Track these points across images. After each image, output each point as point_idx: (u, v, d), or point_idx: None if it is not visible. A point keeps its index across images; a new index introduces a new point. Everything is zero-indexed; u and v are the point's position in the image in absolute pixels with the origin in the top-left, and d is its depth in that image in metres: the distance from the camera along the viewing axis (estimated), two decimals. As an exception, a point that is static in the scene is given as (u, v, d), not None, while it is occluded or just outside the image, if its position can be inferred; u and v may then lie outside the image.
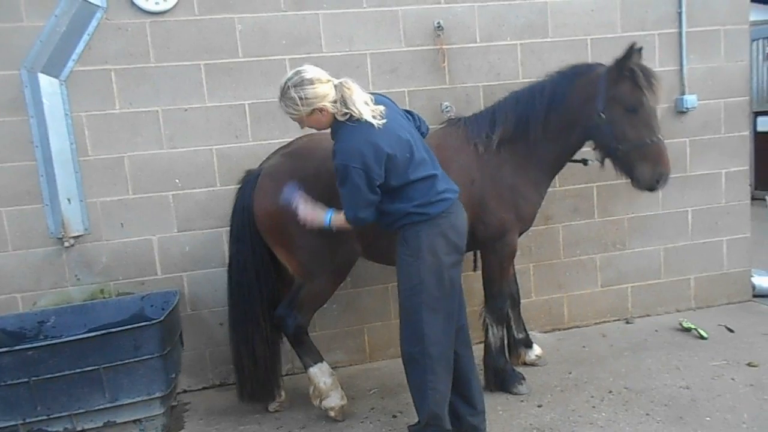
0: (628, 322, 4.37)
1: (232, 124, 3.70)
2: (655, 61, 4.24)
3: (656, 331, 4.15)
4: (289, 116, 2.60)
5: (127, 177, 3.62)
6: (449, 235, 2.61)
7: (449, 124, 3.41)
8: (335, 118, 2.55)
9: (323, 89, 2.49)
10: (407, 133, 2.63)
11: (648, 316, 4.45)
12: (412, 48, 3.88)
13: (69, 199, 3.53)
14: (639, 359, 3.69)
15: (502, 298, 3.33)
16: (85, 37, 3.47)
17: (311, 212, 2.75)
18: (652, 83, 2.96)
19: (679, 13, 4.23)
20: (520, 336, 3.70)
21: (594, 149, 3.24)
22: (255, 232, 3.15)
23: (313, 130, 2.73)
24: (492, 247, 3.27)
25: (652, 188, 3.06)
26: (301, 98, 2.47)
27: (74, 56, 3.47)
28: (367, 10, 3.79)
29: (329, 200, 2.81)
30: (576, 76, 3.15)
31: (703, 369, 3.50)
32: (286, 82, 2.52)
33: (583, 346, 3.99)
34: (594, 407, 3.15)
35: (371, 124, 2.49)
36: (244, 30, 3.65)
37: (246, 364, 3.24)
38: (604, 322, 4.39)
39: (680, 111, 4.32)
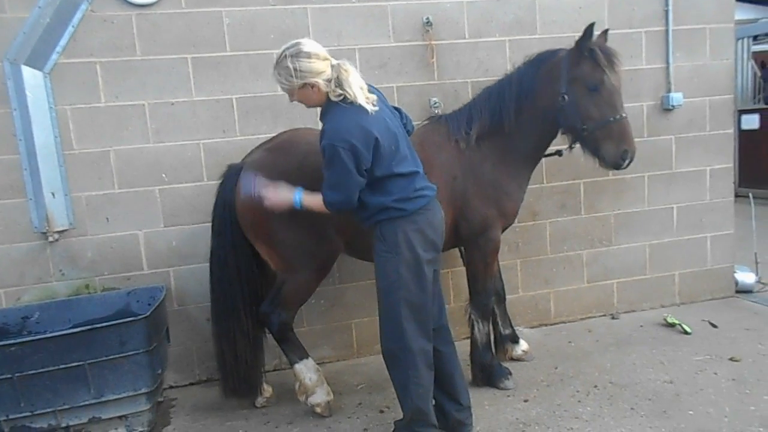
0: (613, 318, 4.41)
1: (220, 119, 3.68)
2: (642, 58, 4.27)
3: (641, 326, 4.20)
4: (281, 86, 2.56)
5: (112, 171, 3.58)
6: (426, 232, 2.60)
7: (431, 122, 3.41)
8: (328, 98, 2.52)
9: (319, 65, 2.45)
10: (394, 126, 2.62)
11: (633, 311, 4.50)
12: (401, 43, 3.88)
13: (53, 193, 3.48)
14: (624, 354, 3.73)
15: (486, 294, 3.35)
16: (70, 29, 3.42)
17: (276, 194, 2.68)
18: (613, 62, 2.97)
19: (666, 12, 4.26)
20: (507, 332, 3.72)
21: (563, 134, 3.24)
22: (236, 227, 3.13)
23: (297, 126, 2.71)
24: (475, 243, 3.27)
25: (617, 166, 3.05)
26: (295, 69, 2.43)
27: (58, 48, 3.42)
28: (356, 5, 3.78)
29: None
30: (540, 63, 3.16)
31: (686, 364, 3.54)
32: (283, 51, 2.48)
33: (569, 342, 4.02)
34: (579, 402, 3.18)
35: (364, 109, 2.46)
36: (232, 23, 3.63)
37: (228, 359, 3.23)
38: (590, 317, 4.43)
39: (666, 108, 4.36)
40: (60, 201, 3.51)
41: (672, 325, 4.11)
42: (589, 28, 2.96)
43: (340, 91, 2.47)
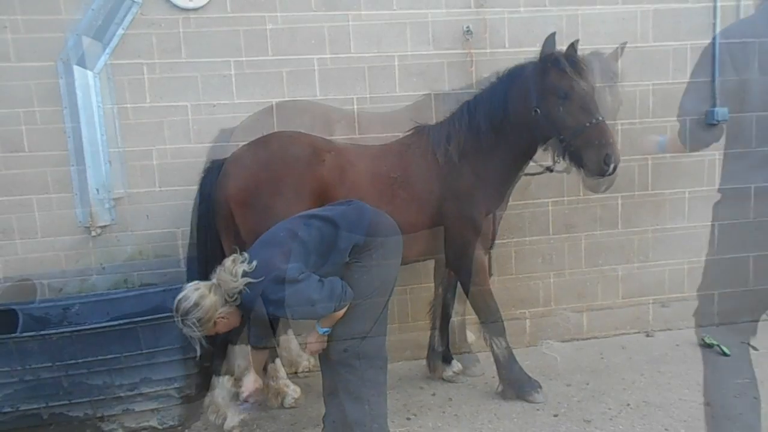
0: (648, 336, 4.31)
1: (259, 122, 3.73)
2: (687, 72, 4.17)
3: (677, 345, 4.08)
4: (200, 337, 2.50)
5: (154, 169, 3.68)
6: (390, 236, 2.63)
7: (416, 132, 3.31)
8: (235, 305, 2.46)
9: (210, 302, 2.40)
10: (290, 241, 2.51)
11: (669, 330, 4.38)
12: (441, 51, 3.88)
13: (98, 189, 3.60)
14: (659, 373, 3.64)
15: (491, 312, 3.30)
16: (120, 31, 3.54)
17: (310, 341, 2.64)
18: (579, 67, 2.91)
19: (714, 24, 4.16)
20: (440, 349, 3.66)
21: (544, 150, 3.16)
22: (211, 223, 3.11)
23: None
24: (457, 265, 3.26)
25: (602, 172, 2.90)
26: (199, 320, 2.40)
27: (108, 50, 3.54)
28: (397, 12, 3.80)
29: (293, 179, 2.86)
30: (510, 80, 3.11)
31: (724, 386, 3.43)
32: (176, 315, 2.43)
33: (602, 358, 3.94)
34: (611, 419, 3.12)
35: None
36: (275, 28, 3.69)
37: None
38: (624, 334, 4.33)
39: (710, 123, 4.24)
40: (103, 197, 3.62)
41: (710, 346, 3.98)
42: (550, 38, 2.94)
43: (235, 293, 2.41)
